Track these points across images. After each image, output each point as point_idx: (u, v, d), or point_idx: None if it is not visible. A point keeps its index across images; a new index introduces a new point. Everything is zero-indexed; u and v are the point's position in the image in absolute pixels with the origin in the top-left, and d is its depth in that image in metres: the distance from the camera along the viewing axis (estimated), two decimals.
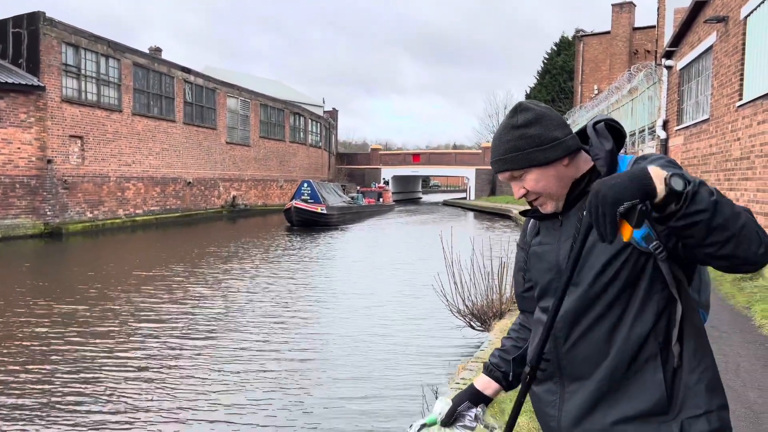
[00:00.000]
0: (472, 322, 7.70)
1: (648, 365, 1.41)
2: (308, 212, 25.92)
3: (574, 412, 1.48)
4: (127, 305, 9.93)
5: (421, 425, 1.76)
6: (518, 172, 1.51)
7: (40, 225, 20.56)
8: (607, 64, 36.53)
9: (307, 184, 27.31)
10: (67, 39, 22.15)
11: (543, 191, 1.51)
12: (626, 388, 1.42)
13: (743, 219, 1.23)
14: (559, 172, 1.50)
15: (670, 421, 1.39)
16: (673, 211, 1.20)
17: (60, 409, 5.59)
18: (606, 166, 1.46)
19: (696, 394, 1.39)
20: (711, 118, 11.97)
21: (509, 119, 1.52)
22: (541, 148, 1.48)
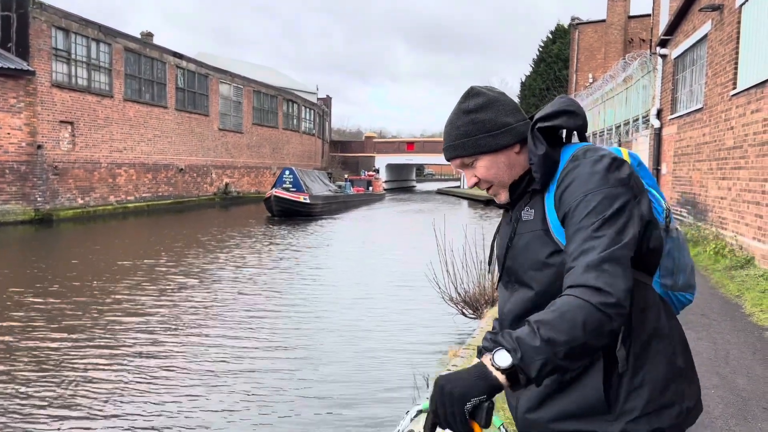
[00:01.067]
0: (464, 309, 7.71)
1: (591, 368, 1.37)
2: (289, 201, 24.57)
3: (524, 406, 1.48)
4: (105, 297, 9.57)
5: (417, 411, 1.74)
6: (469, 159, 1.47)
7: (30, 211, 20.40)
8: (602, 53, 36.45)
9: (289, 171, 25.97)
10: (57, 23, 21.87)
11: (494, 179, 1.48)
12: (569, 389, 1.40)
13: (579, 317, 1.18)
14: (511, 159, 1.46)
15: (612, 420, 1.36)
16: (527, 379, 1.18)
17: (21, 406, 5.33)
18: (540, 170, 1.40)
19: (638, 396, 1.36)
20: (705, 107, 11.96)
21: (460, 104, 1.48)
22: (492, 133, 1.44)
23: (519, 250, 1.45)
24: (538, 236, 1.41)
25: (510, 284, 1.51)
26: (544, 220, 1.40)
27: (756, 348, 5.25)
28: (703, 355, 4.97)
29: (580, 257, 1.26)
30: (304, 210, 24.97)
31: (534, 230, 1.42)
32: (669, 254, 1.49)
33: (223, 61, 45.14)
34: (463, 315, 7.77)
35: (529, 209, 1.45)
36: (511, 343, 1.18)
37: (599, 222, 1.28)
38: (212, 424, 5.03)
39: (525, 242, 1.43)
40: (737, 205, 9.76)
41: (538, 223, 1.42)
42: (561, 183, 1.37)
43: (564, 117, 1.43)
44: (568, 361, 1.19)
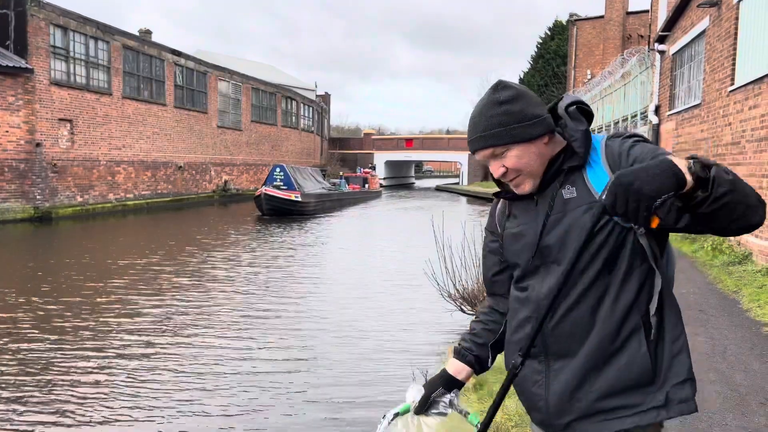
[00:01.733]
0: (463, 305, 7.72)
1: (632, 338, 1.43)
2: (280, 200, 23.64)
3: (561, 390, 1.49)
4: (97, 297, 9.37)
5: (394, 414, 1.73)
6: (500, 149, 1.51)
7: (29, 209, 20.39)
8: (601, 49, 36.43)
9: (280, 168, 25.05)
10: (56, 20, 21.82)
11: (524, 168, 1.51)
12: (612, 362, 1.44)
13: (749, 188, 1.28)
14: (540, 149, 1.51)
15: (655, 391, 1.42)
16: (702, 198, 1.23)
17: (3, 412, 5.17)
18: (583, 146, 1.48)
19: (679, 362, 1.44)
20: (703, 102, 11.97)
21: (492, 95, 1.52)
22: (525, 123, 1.48)
23: (562, 226, 1.48)
24: (581, 212, 1.46)
25: (545, 266, 1.53)
26: (589, 193, 1.46)
27: (754, 343, 5.28)
28: (701, 350, 4.99)
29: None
30: (295, 209, 24.10)
31: (581, 204, 1.47)
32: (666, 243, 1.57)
33: (221, 58, 45.06)
34: (461, 311, 7.78)
35: (569, 187, 1.50)
36: (712, 162, 1.25)
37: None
38: (209, 426, 5.05)
39: (572, 218, 1.47)
40: None
41: (584, 197, 1.47)
42: (619, 148, 1.47)
43: (587, 107, 1.55)
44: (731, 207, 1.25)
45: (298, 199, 24.17)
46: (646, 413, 1.41)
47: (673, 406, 1.41)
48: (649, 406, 1.41)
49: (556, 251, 1.49)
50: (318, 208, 26.29)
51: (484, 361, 1.74)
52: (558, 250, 1.49)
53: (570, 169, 1.50)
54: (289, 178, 24.52)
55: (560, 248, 1.48)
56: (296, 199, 24.09)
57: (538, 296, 1.53)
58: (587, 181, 1.47)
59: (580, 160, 1.48)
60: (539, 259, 1.54)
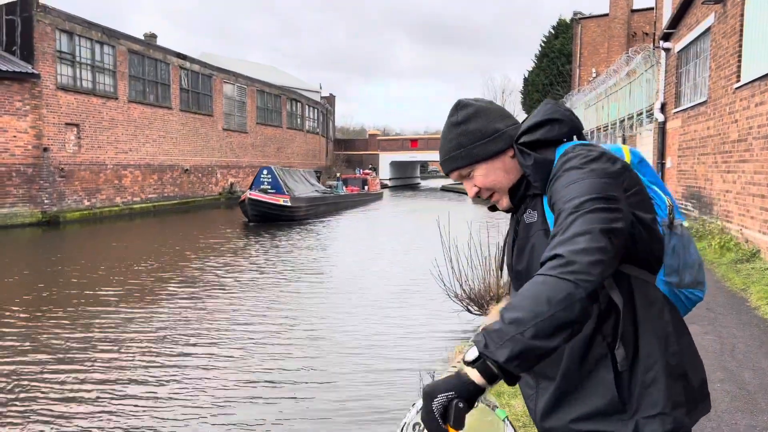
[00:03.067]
0: (470, 306, 7.72)
1: (599, 366, 1.39)
2: (266, 205, 21.90)
3: (542, 409, 1.50)
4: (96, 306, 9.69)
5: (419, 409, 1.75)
6: (465, 170, 1.51)
7: (37, 213, 20.52)
8: (606, 47, 36.32)
9: (267, 170, 23.39)
10: (61, 26, 21.96)
11: (493, 186, 1.50)
12: (582, 388, 1.41)
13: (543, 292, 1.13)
14: (506, 164, 1.49)
15: (627, 419, 1.38)
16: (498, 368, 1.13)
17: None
18: (536, 176, 1.43)
19: (651, 393, 1.36)
20: (709, 100, 11.92)
21: (449, 118, 1.52)
22: (483, 141, 1.47)
23: (527, 252, 1.47)
24: (542, 237, 1.43)
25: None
26: (545, 221, 1.43)
27: (762, 341, 5.26)
28: (709, 349, 4.97)
29: (554, 237, 1.22)
30: (284, 214, 22.40)
31: (537, 231, 1.44)
32: (674, 251, 1.47)
33: (225, 61, 45.21)
34: (468, 312, 7.78)
35: (531, 211, 1.48)
36: (478, 336, 1.16)
37: (578, 203, 1.23)
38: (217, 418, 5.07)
39: (531, 244, 1.45)
40: (742, 198, 9.74)
41: (539, 224, 1.44)
42: (551, 179, 1.38)
43: (547, 127, 1.45)
44: (540, 340, 1.11)
45: (287, 204, 22.49)
46: None
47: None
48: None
49: (525, 276, 1.47)
50: (310, 213, 24.74)
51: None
52: (526, 276, 1.46)
53: (533, 193, 1.48)
54: (278, 181, 22.90)
55: (527, 274, 1.46)
56: (285, 203, 22.40)
57: None
58: (545, 207, 1.44)
59: (537, 189, 1.46)
60: (516, 281, 1.55)
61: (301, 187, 25.54)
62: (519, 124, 1.51)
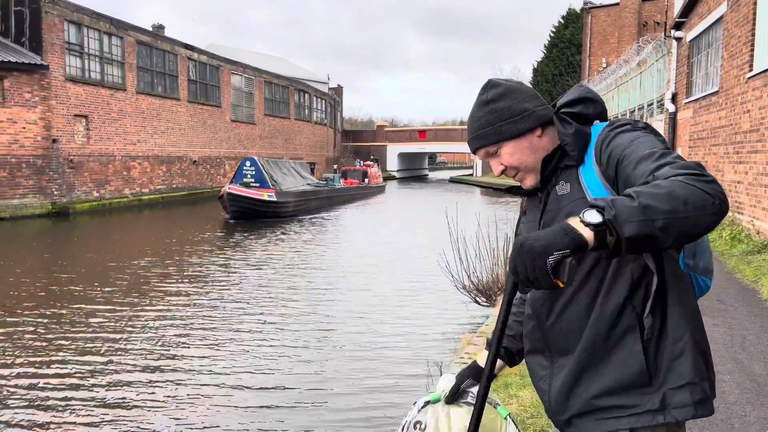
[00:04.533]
0: (478, 297, 7.71)
1: (627, 337, 1.40)
2: (248, 200, 19.80)
3: (560, 387, 1.49)
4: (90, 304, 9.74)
5: (425, 402, 1.75)
6: (492, 148, 1.52)
7: (47, 204, 20.64)
8: (616, 37, 35.97)
9: (251, 162, 21.36)
10: (70, 17, 21.98)
11: (519, 165, 1.52)
12: (607, 361, 1.42)
13: (681, 192, 1.13)
14: (533, 143, 1.51)
15: (653, 392, 1.38)
16: (616, 242, 1.13)
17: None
18: (575, 147, 1.46)
19: (680, 364, 1.38)
20: (721, 90, 11.79)
21: (479, 97, 1.54)
22: (512, 119, 1.49)
23: (558, 223, 1.46)
24: (578, 206, 1.42)
25: None
26: (581, 190, 1.44)
27: None
28: (719, 340, 4.94)
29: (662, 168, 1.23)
30: (269, 210, 20.37)
31: (572, 200, 1.45)
32: None
33: (233, 52, 45.17)
34: (476, 303, 7.77)
35: (564, 183, 1.49)
36: (604, 202, 1.15)
37: (662, 151, 1.29)
38: (221, 414, 5.09)
39: (565, 214, 1.45)
40: (754, 189, 9.64)
41: (575, 193, 1.45)
42: (604, 147, 1.41)
43: (584, 104, 1.51)
44: (665, 234, 1.13)
45: (272, 199, 20.38)
46: (641, 416, 1.38)
47: (669, 411, 1.37)
48: (645, 409, 1.38)
49: None
50: (300, 208, 22.69)
51: (515, 353, 1.75)
52: None
53: (567, 165, 1.49)
54: (262, 174, 20.91)
55: None
56: (269, 198, 20.30)
57: (533, 296, 1.55)
58: (580, 178, 1.45)
59: (573, 161, 1.47)
60: None
61: (290, 180, 23.62)
62: (547, 105, 1.53)
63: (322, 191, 26.27)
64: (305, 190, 24.10)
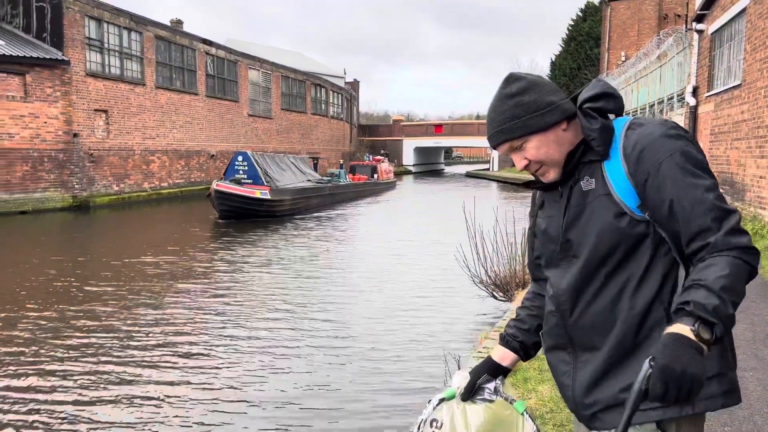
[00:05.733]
0: (495, 292, 7.69)
1: (654, 332, 1.40)
2: (238, 198, 18.14)
3: (586, 382, 1.49)
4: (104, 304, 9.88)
5: (439, 399, 1.74)
6: (517, 142, 1.51)
7: (68, 198, 20.95)
8: (636, 30, 35.51)
9: (243, 157, 19.87)
10: (90, 12, 22.23)
11: (545, 158, 1.51)
12: (635, 355, 1.42)
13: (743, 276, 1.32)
14: (559, 137, 1.50)
15: None
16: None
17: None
18: (602, 142, 1.46)
19: (707, 357, 1.36)
20: (743, 83, 11.60)
21: (502, 90, 1.53)
22: (539, 113, 1.47)
23: (583, 219, 1.48)
24: (603, 201, 1.45)
25: (566, 259, 1.53)
26: (606, 185, 1.45)
27: None
28: (741, 337, 4.88)
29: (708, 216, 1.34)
30: (262, 209, 18.79)
31: (598, 196, 1.46)
32: None
33: (250, 46, 45.32)
34: (493, 297, 7.76)
35: (588, 179, 1.48)
36: (712, 316, 1.25)
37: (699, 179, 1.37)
38: (235, 409, 5.15)
39: (591, 210, 1.46)
40: None
41: (601, 189, 1.46)
42: (633, 146, 1.42)
43: (605, 99, 1.50)
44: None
45: (266, 197, 18.79)
46: (668, 408, 1.38)
47: (697, 402, 1.37)
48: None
49: (576, 245, 1.49)
50: (298, 207, 21.13)
51: (530, 347, 1.75)
52: (578, 244, 1.48)
53: (590, 160, 1.49)
54: (255, 170, 19.38)
55: (580, 242, 1.48)
56: (263, 196, 18.69)
57: (557, 291, 1.54)
58: (605, 173, 1.45)
59: (598, 155, 1.47)
60: (561, 253, 1.54)
61: (288, 176, 21.97)
62: (569, 99, 1.53)
63: (325, 188, 24.72)
64: (304, 187, 22.48)
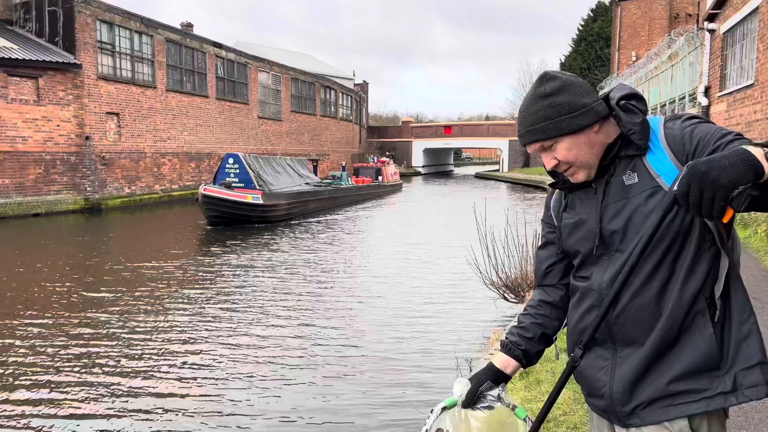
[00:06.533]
0: (506, 293, 7.66)
1: (697, 321, 1.42)
2: (228, 203, 16.92)
3: (627, 377, 1.48)
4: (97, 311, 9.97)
5: (441, 408, 1.73)
6: (549, 142, 1.50)
7: (80, 200, 21.13)
8: (646, 30, 35.31)
9: (234, 158, 18.57)
10: (101, 16, 22.41)
11: (575, 160, 1.50)
12: (678, 346, 1.43)
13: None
14: (591, 139, 1.49)
15: (723, 375, 1.40)
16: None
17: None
18: (643, 137, 1.46)
19: (748, 345, 1.40)
20: (756, 82, 11.50)
21: (536, 89, 1.51)
22: (572, 115, 1.47)
23: (626, 212, 1.47)
24: (653, 194, 1.44)
25: (608, 254, 1.52)
26: (653, 178, 1.45)
27: None
28: None
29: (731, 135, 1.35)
30: (254, 215, 17.68)
31: (644, 190, 1.45)
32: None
33: (260, 49, 45.48)
34: (504, 299, 7.73)
35: (630, 173, 1.48)
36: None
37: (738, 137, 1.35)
38: (243, 405, 5.16)
39: (636, 204, 1.46)
40: None
41: (647, 182, 1.45)
42: (681, 131, 1.44)
43: (637, 99, 1.52)
44: None
45: (258, 201, 17.67)
46: (713, 399, 1.39)
47: (741, 392, 1.38)
48: (717, 392, 1.39)
49: (619, 239, 1.48)
50: (294, 212, 19.97)
51: (532, 355, 1.73)
52: (621, 238, 1.48)
53: (628, 155, 1.48)
54: (247, 173, 18.27)
55: (623, 235, 1.47)
56: (255, 201, 17.59)
57: (600, 285, 1.52)
58: (648, 167, 1.45)
59: (639, 149, 1.47)
60: (602, 248, 1.52)
61: (284, 180, 20.86)
62: (601, 101, 1.52)
63: (324, 191, 23.47)
64: (301, 191, 21.32)
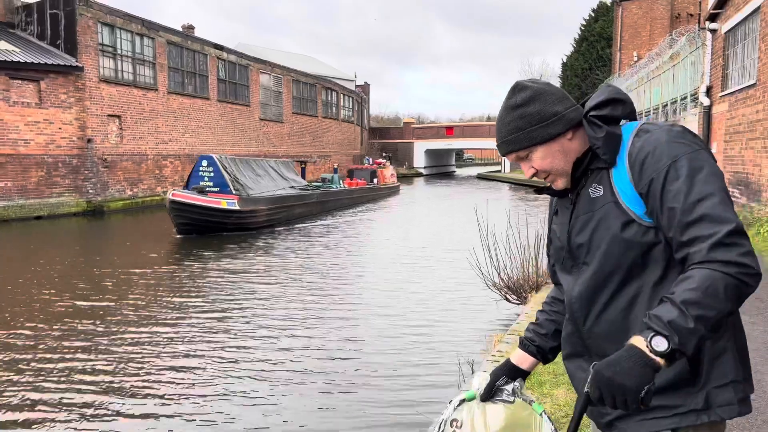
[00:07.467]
0: (508, 295, 7.66)
1: None
2: (199, 209, 15.41)
3: None
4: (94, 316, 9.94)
5: (460, 400, 1.76)
6: (524, 152, 1.51)
7: (82, 203, 21.16)
8: (648, 30, 35.28)
9: (208, 161, 16.88)
10: (103, 19, 22.45)
11: (551, 168, 1.51)
12: None
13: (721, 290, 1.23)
14: (564, 146, 1.49)
15: (696, 392, 1.38)
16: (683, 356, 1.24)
17: None
18: (606, 149, 1.44)
19: (722, 363, 1.38)
20: (758, 82, 11.48)
21: (507, 100, 1.52)
22: (542, 124, 1.47)
23: (591, 225, 1.47)
24: (611, 209, 1.43)
25: (576, 267, 1.53)
26: (614, 193, 1.43)
27: None
28: (759, 339, 4.83)
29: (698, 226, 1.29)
30: (230, 221, 16.17)
31: (606, 203, 1.45)
32: None
33: (261, 50, 45.55)
34: (506, 301, 7.72)
35: (596, 186, 1.48)
36: (665, 329, 1.23)
37: (699, 186, 1.31)
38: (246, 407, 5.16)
39: (598, 218, 1.45)
40: None
41: (608, 196, 1.45)
42: (637, 153, 1.40)
43: (612, 105, 1.48)
44: (714, 332, 1.26)
45: (233, 207, 16.10)
46: (685, 415, 1.38)
47: (714, 410, 1.37)
48: (689, 408, 1.38)
49: (585, 252, 1.48)
50: (276, 218, 18.38)
51: (547, 351, 1.75)
52: (586, 251, 1.48)
53: (598, 167, 1.48)
54: (222, 176, 16.68)
55: (589, 249, 1.47)
56: (230, 206, 16.01)
57: (570, 299, 1.54)
58: (612, 181, 1.44)
59: (604, 163, 1.46)
60: (571, 260, 1.54)
61: (265, 183, 19.23)
62: (578, 107, 1.51)
63: (311, 195, 21.83)
64: (285, 195, 19.65)
